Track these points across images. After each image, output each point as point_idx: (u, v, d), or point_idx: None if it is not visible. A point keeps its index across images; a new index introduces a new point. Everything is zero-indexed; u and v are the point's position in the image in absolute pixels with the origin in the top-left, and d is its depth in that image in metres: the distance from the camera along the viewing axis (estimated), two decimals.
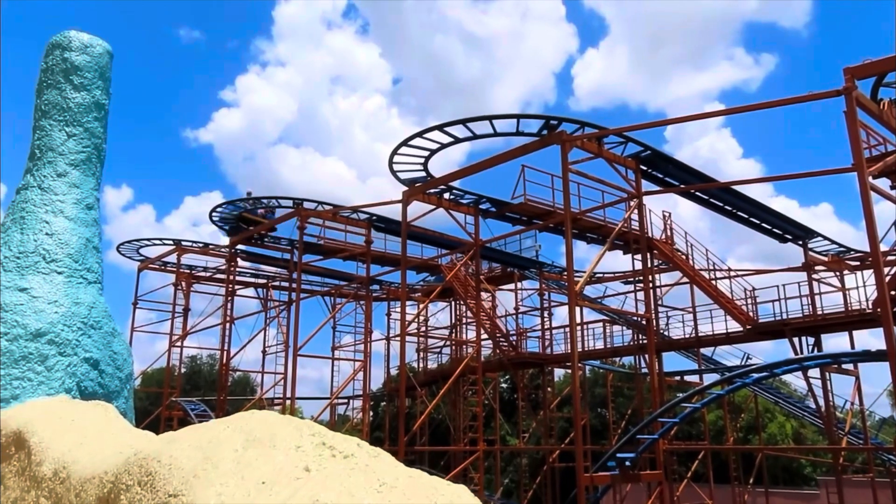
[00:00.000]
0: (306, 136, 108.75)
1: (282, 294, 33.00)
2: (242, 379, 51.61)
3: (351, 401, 34.71)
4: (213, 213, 27.66)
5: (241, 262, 31.57)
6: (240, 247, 29.50)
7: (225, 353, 29.90)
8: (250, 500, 1.99)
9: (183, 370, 36.46)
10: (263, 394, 33.24)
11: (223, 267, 30.78)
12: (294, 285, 26.55)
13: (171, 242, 30.96)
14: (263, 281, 33.54)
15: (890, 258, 17.03)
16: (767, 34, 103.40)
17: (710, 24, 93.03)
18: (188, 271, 32.71)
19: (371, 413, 43.63)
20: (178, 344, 32.45)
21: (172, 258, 31.45)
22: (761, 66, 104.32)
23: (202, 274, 33.03)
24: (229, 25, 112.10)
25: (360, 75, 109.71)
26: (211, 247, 31.35)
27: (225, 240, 30.10)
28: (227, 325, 29.80)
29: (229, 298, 29.74)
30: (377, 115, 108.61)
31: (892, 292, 15.89)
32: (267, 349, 32.01)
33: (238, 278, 31.73)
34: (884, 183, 14.85)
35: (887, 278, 14.48)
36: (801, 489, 28.97)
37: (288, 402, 26.05)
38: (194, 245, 31.04)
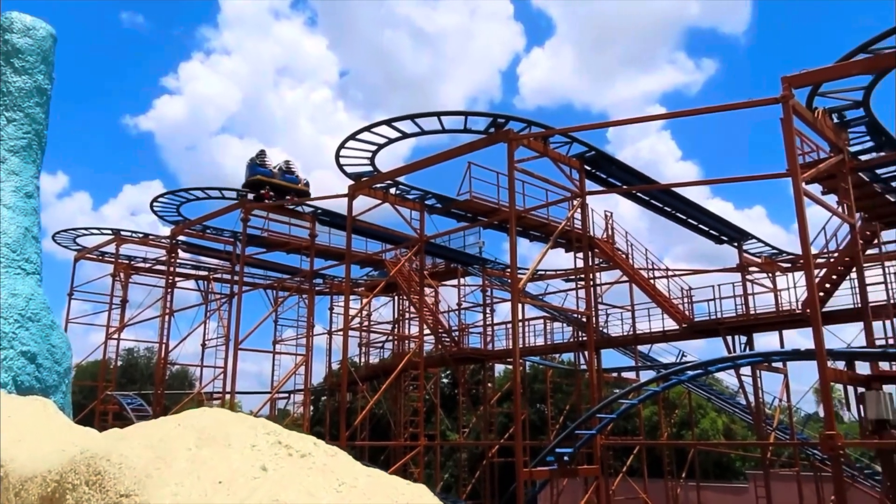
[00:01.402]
0: (251, 127, 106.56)
1: (223, 287, 32.29)
2: (181, 373, 50.32)
3: (292, 395, 34.26)
4: (155, 203, 26.86)
5: (182, 254, 30.74)
6: (181, 238, 28.71)
7: (163, 346, 29.10)
8: (207, 500, 1.94)
9: (119, 363, 35.26)
10: (202, 388, 32.51)
11: (163, 258, 29.88)
12: (236, 278, 26.02)
13: (109, 232, 29.89)
14: (205, 273, 32.72)
15: (819, 261, 17.83)
16: (708, 39, 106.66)
17: (654, 27, 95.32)
18: (127, 262, 31.64)
19: (311, 408, 43.21)
20: (115, 336, 31.40)
21: (111, 248, 30.38)
22: (702, 70, 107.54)
23: (141, 265, 31.98)
24: (174, 11, 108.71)
25: (307, 67, 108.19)
26: (151, 237, 30.40)
27: (165, 230, 29.29)
28: (167, 317, 29.00)
29: (169, 290, 28.94)
30: (323, 107, 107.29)
31: (821, 294, 16.67)
32: (207, 342, 31.33)
33: (179, 270, 30.89)
34: (815, 189, 15.53)
35: (816, 280, 15.16)
36: (730, 483, 30.08)
37: (227, 396, 25.55)
38: (134, 235, 30.04)
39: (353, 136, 19.08)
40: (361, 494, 1.83)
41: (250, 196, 24.38)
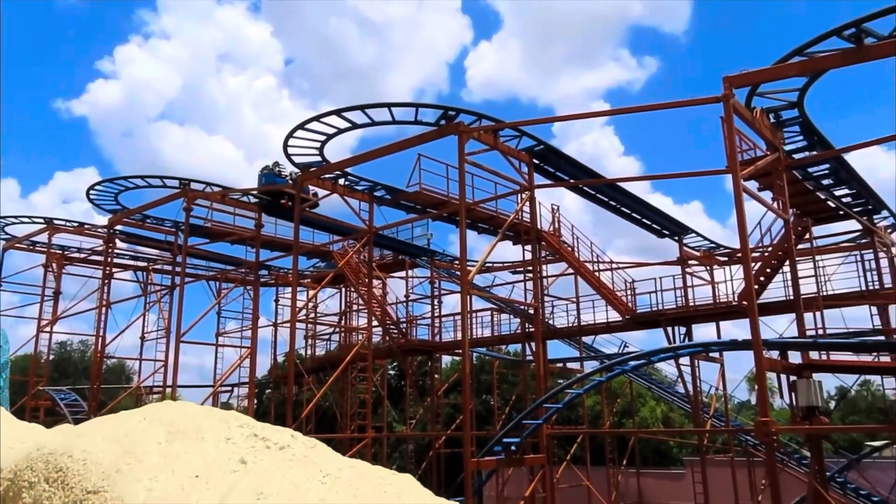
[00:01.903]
0: (191, 114, 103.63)
1: (164, 278, 31.41)
2: (118, 367, 48.75)
3: (235, 388, 33.66)
4: (91, 191, 25.90)
5: (119, 244, 29.78)
6: (119, 227, 27.79)
7: (100, 339, 28.13)
8: (185, 495, 1.89)
9: (51, 357, 33.92)
10: (141, 382, 31.62)
11: (99, 248, 28.85)
12: (178, 269, 25.36)
13: (41, 221, 28.65)
14: (144, 264, 31.74)
15: (755, 255, 18.52)
16: (650, 38, 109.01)
17: (599, 24, 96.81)
18: (60, 252, 30.41)
19: (256, 401, 42.55)
20: (47, 329, 30.19)
21: (42, 237, 29.13)
22: (644, 68, 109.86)
23: (76, 255, 30.78)
24: None
25: (251, 54, 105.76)
26: (86, 226, 29.28)
27: (101, 219, 28.30)
28: (103, 309, 28.05)
29: (106, 282, 27.99)
30: (268, 95, 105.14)
31: (756, 286, 17.33)
32: (146, 335, 30.45)
33: (116, 261, 29.89)
34: (752, 185, 16.10)
35: (752, 273, 15.75)
36: (669, 469, 31.06)
37: (168, 390, 24.92)
38: (68, 224, 28.87)
39: (301, 126, 18.81)
40: (347, 485, 1.81)
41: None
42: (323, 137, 19.47)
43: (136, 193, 26.44)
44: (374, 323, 25.69)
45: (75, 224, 29.00)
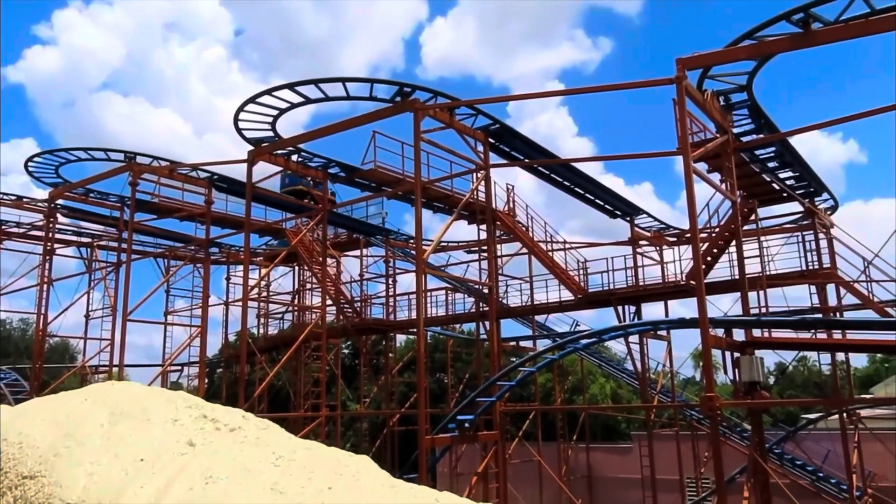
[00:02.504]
0: (136, 85, 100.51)
1: (109, 255, 30.44)
2: (61, 345, 47.45)
3: (185, 368, 33.06)
4: (30, 163, 24.87)
5: (62, 219, 28.71)
6: (60, 202, 26.79)
7: (41, 317, 27.20)
8: (130, 480, 1.81)
9: None
10: (86, 361, 30.74)
11: (40, 223, 27.76)
12: (124, 246, 24.63)
13: None
14: (88, 240, 30.70)
15: (702, 235, 18.96)
16: (605, 19, 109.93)
17: (555, 3, 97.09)
18: None
19: (206, 380, 41.91)
20: None
21: None
22: (599, 49, 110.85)
23: (14, 230, 29.55)
24: None
25: (199, 24, 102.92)
26: (25, 200, 28.10)
27: (41, 192, 27.23)
28: (44, 286, 27.10)
29: (47, 258, 27.01)
30: (217, 67, 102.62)
31: (703, 266, 17.76)
32: (91, 313, 29.57)
33: (58, 236, 28.82)
34: (702, 167, 16.43)
35: (700, 252, 16.12)
36: (617, 444, 31.86)
37: (115, 369, 24.34)
38: (5, 197, 27.64)
39: (252, 100, 18.36)
40: (302, 468, 1.76)
41: None
42: (275, 112, 19.05)
43: (78, 166, 25.55)
44: (328, 302, 25.49)
45: (13, 197, 27.80)
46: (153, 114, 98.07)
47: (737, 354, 14.59)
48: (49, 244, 26.78)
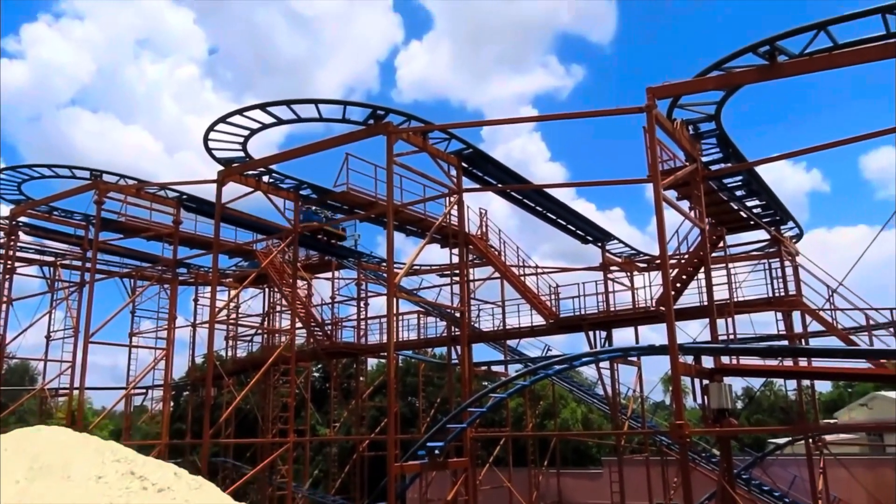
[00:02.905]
0: (106, 101, 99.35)
1: (73, 274, 29.74)
2: (20, 367, 46.11)
3: (150, 391, 32.27)
4: None
5: (24, 237, 28.01)
6: (22, 219, 26.15)
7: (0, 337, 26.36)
8: None
9: None
10: (46, 384, 29.86)
11: (1, 240, 27.04)
12: (88, 265, 24.06)
13: None
14: (51, 259, 29.97)
15: (672, 262, 19.11)
16: (578, 46, 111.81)
17: (529, 29, 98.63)
18: None
19: (173, 403, 40.95)
20: None
21: None
22: (572, 76, 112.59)
23: None
24: None
25: (172, 41, 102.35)
26: None
27: (4, 209, 26.54)
28: (4, 306, 26.32)
29: (7, 276, 26.27)
30: (190, 85, 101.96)
31: (672, 292, 17.87)
32: (52, 334, 28.77)
33: (20, 254, 28.08)
34: (671, 194, 16.60)
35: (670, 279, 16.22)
36: (587, 469, 31.76)
37: (76, 392, 23.62)
38: None
39: (223, 119, 18.15)
40: None
41: None
42: (247, 132, 18.86)
43: (42, 183, 24.95)
44: (298, 324, 25.14)
45: None
46: (123, 131, 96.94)
47: (705, 381, 14.63)
48: (9, 262, 26.06)
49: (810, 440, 20.82)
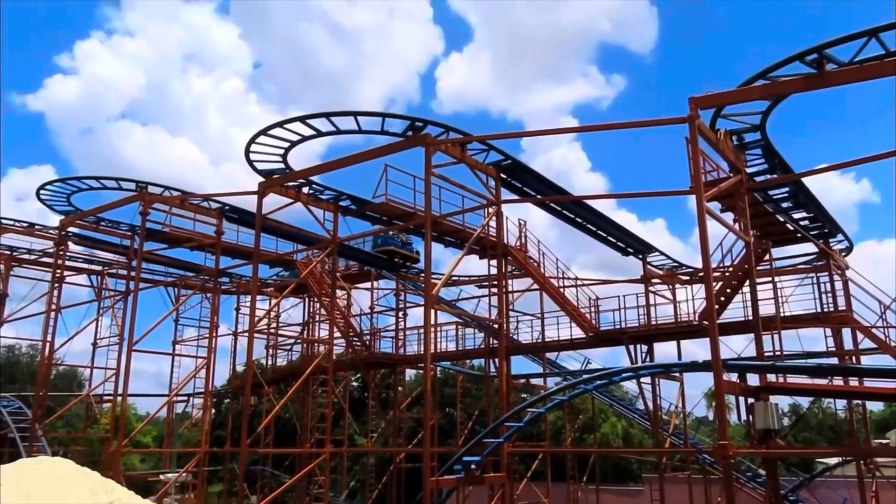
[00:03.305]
0: (154, 114, 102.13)
1: (119, 283, 30.50)
2: (69, 373, 47.38)
3: (191, 398, 32.84)
4: (42, 191, 25.07)
5: (73, 247, 28.85)
6: (72, 229, 26.95)
7: (48, 344, 27.12)
8: None
9: None
10: (91, 390, 30.60)
11: (51, 250, 27.90)
12: (133, 274, 24.63)
13: None
14: (98, 268, 30.80)
15: (715, 274, 18.67)
16: (619, 56, 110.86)
17: (568, 40, 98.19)
18: (8, 252, 29.33)
19: (214, 411, 41.59)
20: None
21: None
22: (612, 85, 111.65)
23: (26, 256, 29.70)
24: None
25: (218, 56, 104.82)
26: (37, 227, 28.27)
27: (54, 220, 27.39)
28: (53, 313, 27.09)
29: (56, 285, 27.05)
30: (234, 98, 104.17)
31: (716, 306, 17.45)
32: (98, 342, 29.51)
33: (69, 263, 28.92)
34: (715, 206, 16.23)
35: (713, 293, 15.83)
36: (627, 486, 31.14)
37: (119, 399, 24.15)
38: (17, 224, 27.84)
39: (264, 132, 18.42)
40: None
41: None
42: (287, 144, 19.10)
43: (91, 195, 25.72)
44: (337, 334, 25.28)
45: (25, 224, 28.00)
46: (170, 143, 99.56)
47: (751, 400, 14.19)
48: (59, 271, 26.84)
49: (861, 462, 20.02)
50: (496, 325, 19.93)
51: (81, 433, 33.25)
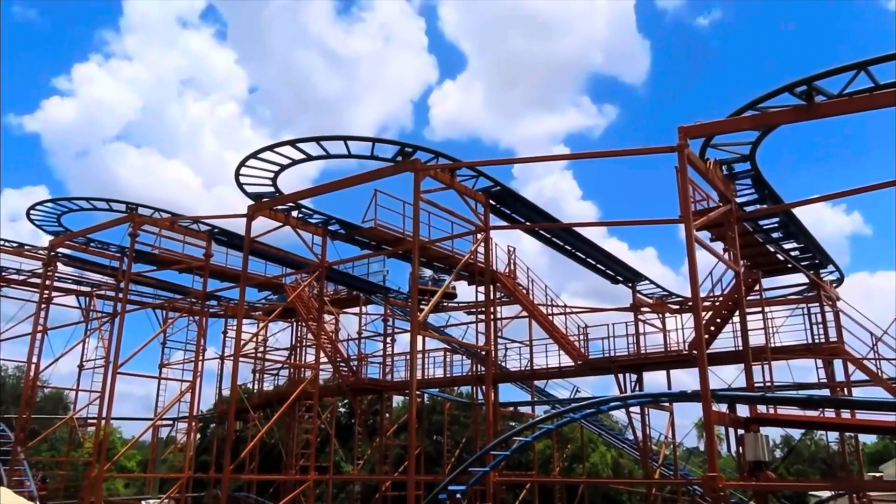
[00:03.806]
0: (150, 137, 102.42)
1: (107, 304, 30.18)
2: (55, 395, 46.77)
3: (176, 422, 32.32)
4: (32, 211, 24.89)
5: (63, 268, 28.58)
6: (61, 250, 26.70)
7: (33, 365, 26.71)
8: None
9: None
10: (76, 413, 30.16)
11: (39, 270, 27.61)
12: (121, 295, 24.37)
13: None
14: (87, 289, 30.49)
15: (705, 304, 18.56)
16: (610, 86, 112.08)
17: (561, 70, 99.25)
18: None
19: (200, 435, 40.96)
20: None
21: None
22: (604, 115, 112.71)
23: (14, 276, 29.35)
24: (71, 10, 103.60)
25: (215, 80, 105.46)
26: (27, 247, 28.01)
27: (45, 240, 27.12)
28: (39, 334, 26.73)
29: (44, 306, 26.73)
30: (230, 122, 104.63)
31: (706, 336, 17.31)
32: (84, 364, 29.11)
33: (57, 284, 28.62)
34: (704, 235, 16.18)
35: (703, 322, 15.71)
36: None
37: (103, 422, 23.71)
38: (6, 244, 27.56)
39: (254, 155, 18.36)
40: None
41: None
42: (277, 168, 19.03)
43: (82, 216, 25.52)
44: (324, 359, 24.98)
45: (14, 245, 27.73)
46: (164, 166, 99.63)
47: (741, 431, 13.99)
48: (46, 292, 26.54)
49: (854, 496, 19.76)
50: (484, 352, 19.72)
51: (65, 457, 32.68)
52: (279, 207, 20.54)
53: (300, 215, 21.25)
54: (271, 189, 20.22)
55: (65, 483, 31.81)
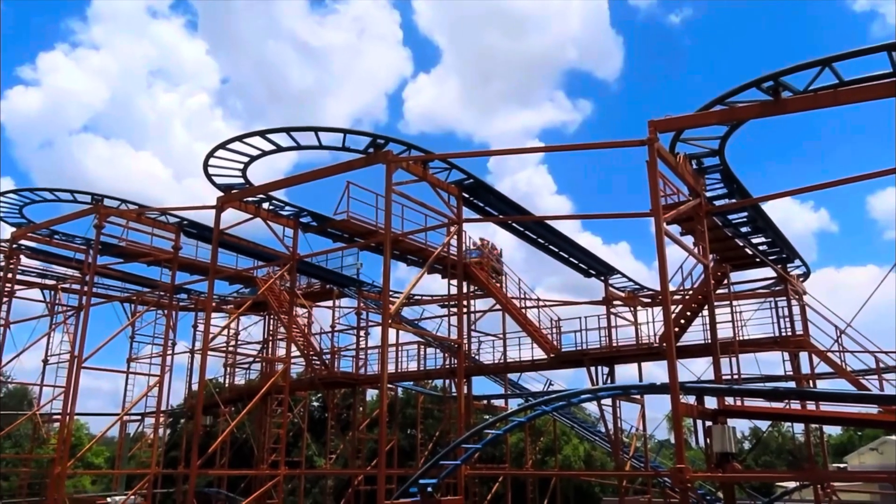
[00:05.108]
0: (118, 128, 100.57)
1: (73, 298, 29.56)
2: (18, 391, 45.81)
3: (144, 418, 31.84)
4: None
5: (26, 260, 27.92)
6: (23, 242, 26.08)
7: None
8: None
9: None
10: (40, 408, 29.53)
11: (1, 263, 26.95)
12: (86, 288, 23.89)
13: None
14: (52, 282, 29.84)
15: (675, 297, 18.72)
16: (585, 82, 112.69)
17: (536, 65, 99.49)
18: None
19: (169, 431, 40.45)
20: None
21: None
22: (579, 110, 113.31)
23: None
24: None
25: (185, 71, 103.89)
26: None
27: (7, 232, 26.48)
28: (1, 329, 26.11)
29: (6, 299, 26.10)
30: (200, 114, 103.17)
31: (676, 329, 17.48)
32: (49, 358, 28.52)
33: (20, 277, 27.95)
34: (675, 229, 16.29)
35: (673, 316, 15.84)
36: None
37: (67, 418, 23.25)
38: None
39: (223, 145, 18.07)
40: None
41: None
42: (246, 159, 18.76)
43: (46, 207, 24.95)
44: (296, 353, 24.75)
45: None
46: (133, 157, 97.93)
47: (708, 423, 14.13)
48: (9, 285, 25.91)
49: (819, 487, 20.12)
50: (456, 346, 19.69)
51: (29, 454, 32.02)
52: (250, 199, 20.27)
53: (271, 207, 21.00)
54: (241, 181, 19.94)
55: (28, 480, 31.20)
